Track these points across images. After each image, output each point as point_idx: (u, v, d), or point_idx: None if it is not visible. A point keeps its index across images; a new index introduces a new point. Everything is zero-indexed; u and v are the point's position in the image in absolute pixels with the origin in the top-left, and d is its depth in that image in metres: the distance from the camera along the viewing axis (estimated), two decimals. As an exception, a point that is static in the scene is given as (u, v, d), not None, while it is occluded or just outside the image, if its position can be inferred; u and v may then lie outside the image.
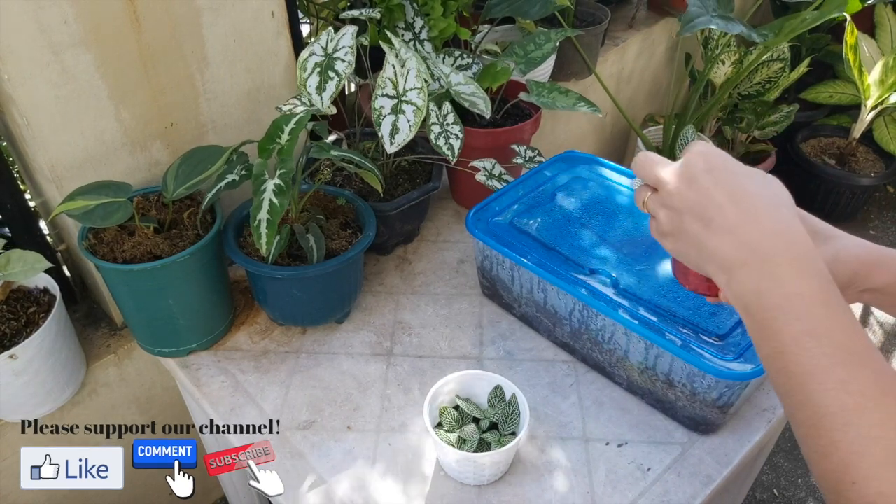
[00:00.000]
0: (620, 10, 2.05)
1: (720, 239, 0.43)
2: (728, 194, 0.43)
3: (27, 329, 0.91)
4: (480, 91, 1.06)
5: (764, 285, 0.41)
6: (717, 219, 0.43)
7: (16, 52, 0.80)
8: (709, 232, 0.43)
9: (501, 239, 0.95)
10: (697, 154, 0.45)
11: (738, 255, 0.42)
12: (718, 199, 0.43)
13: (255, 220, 0.82)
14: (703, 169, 0.44)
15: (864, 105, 2.13)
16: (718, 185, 0.43)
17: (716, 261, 0.43)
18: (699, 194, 0.43)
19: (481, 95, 1.06)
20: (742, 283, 0.42)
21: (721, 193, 0.43)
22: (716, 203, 0.43)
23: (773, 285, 0.40)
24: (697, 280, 0.52)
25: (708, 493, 0.80)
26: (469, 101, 1.05)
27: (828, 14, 1.48)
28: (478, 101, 1.06)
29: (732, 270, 0.42)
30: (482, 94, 1.06)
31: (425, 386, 0.90)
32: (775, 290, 0.40)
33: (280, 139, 0.87)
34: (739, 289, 0.42)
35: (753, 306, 0.41)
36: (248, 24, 1.00)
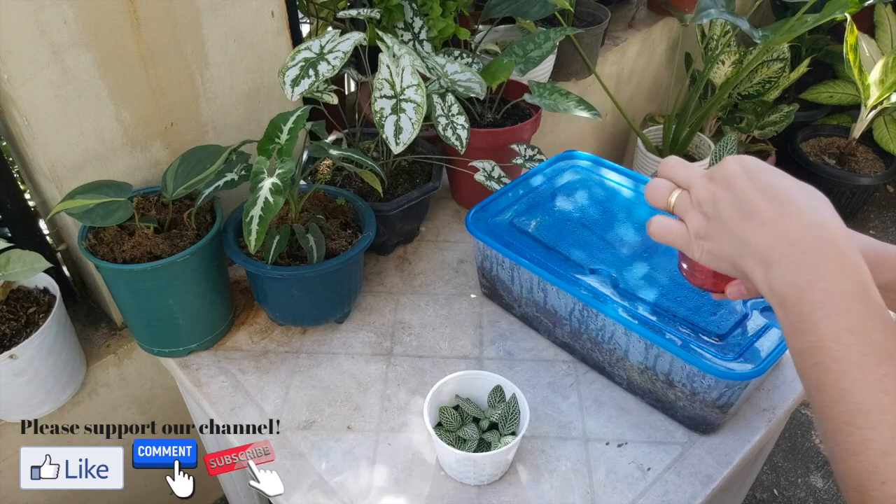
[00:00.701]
0: (620, 10, 2.05)
1: (759, 231, 0.42)
2: (765, 191, 0.43)
3: (27, 329, 0.91)
4: (476, 76, 1.06)
5: (804, 278, 0.40)
6: (756, 213, 0.42)
7: (16, 52, 0.80)
8: (747, 224, 0.43)
9: (501, 239, 0.95)
10: (732, 159, 0.45)
11: (777, 247, 0.41)
12: (756, 196, 0.43)
13: (248, 216, 0.81)
14: (739, 172, 0.44)
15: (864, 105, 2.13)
16: (755, 184, 0.43)
17: (753, 254, 0.43)
18: (736, 193, 0.43)
19: (477, 80, 1.06)
20: (781, 275, 0.41)
21: (758, 191, 0.43)
22: (754, 199, 0.43)
23: (813, 278, 0.40)
24: (703, 275, 0.52)
25: (708, 492, 0.80)
26: (464, 87, 1.05)
27: (828, 15, 1.48)
28: (473, 85, 1.05)
29: (771, 262, 0.42)
30: (478, 79, 1.06)
31: (425, 386, 0.90)
32: (816, 283, 0.40)
33: (279, 139, 0.87)
34: (777, 281, 0.41)
35: (791, 299, 0.41)
36: (248, 24, 1.00)
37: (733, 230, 0.44)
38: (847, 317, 0.39)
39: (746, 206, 0.43)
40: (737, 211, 0.43)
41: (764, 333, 0.80)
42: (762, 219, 0.42)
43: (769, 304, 0.82)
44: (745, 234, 0.43)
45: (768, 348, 0.78)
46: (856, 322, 0.39)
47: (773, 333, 0.80)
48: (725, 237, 0.45)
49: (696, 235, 0.47)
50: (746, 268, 0.44)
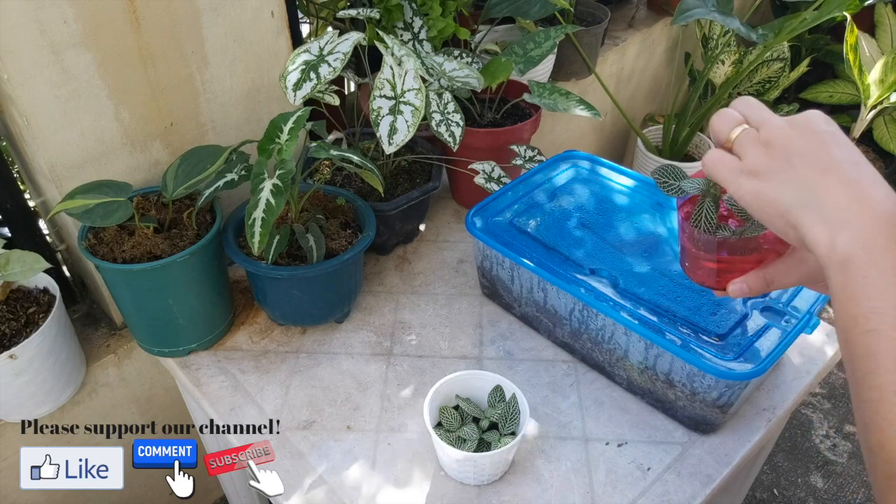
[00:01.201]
0: (620, 9, 2.05)
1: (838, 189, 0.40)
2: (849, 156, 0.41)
3: (27, 329, 0.91)
4: (474, 72, 1.06)
5: (880, 242, 0.39)
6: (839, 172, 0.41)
7: (16, 52, 0.80)
8: (825, 178, 0.41)
9: (501, 239, 0.95)
10: (818, 116, 0.43)
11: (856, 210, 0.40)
12: (839, 156, 0.41)
13: (251, 218, 0.82)
14: (826, 130, 0.42)
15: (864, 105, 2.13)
16: (839, 145, 0.42)
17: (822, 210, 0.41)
18: (816, 143, 0.42)
19: (475, 75, 1.06)
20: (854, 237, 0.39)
21: (842, 152, 0.41)
22: (837, 157, 0.41)
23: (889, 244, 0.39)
24: (705, 273, 0.52)
25: (708, 492, 0.80)
26: (462, 83, 1.05)
27: (827, 14, 1.47)
28: (471, 80, 1.05)
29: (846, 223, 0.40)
30: (475, 74, 1.06)
31: (425, 386, 0.90)
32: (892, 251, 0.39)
33: (279, 139, 0.87)
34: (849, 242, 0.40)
35: (860, 260, 0.39)
36: (247, 24, 1.00)
37: (805, 179, 0.41)
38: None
39: (828, 160, 0.41)
40: (815, 161, 0.41)
41: (764, 333, 0.80)
42: (845, 179, 0.41)
43: (769, 304, 0.83)
44: (820, 188, 0.41)
45: (768, 348, 0.78)
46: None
47: (773, 333, 0.80)
48: (790, 183, 0.42)
49: (749, 171, 0.44)
50: (804, 221, 0.42)
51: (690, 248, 0.53)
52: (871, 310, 0.39)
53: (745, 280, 0.51)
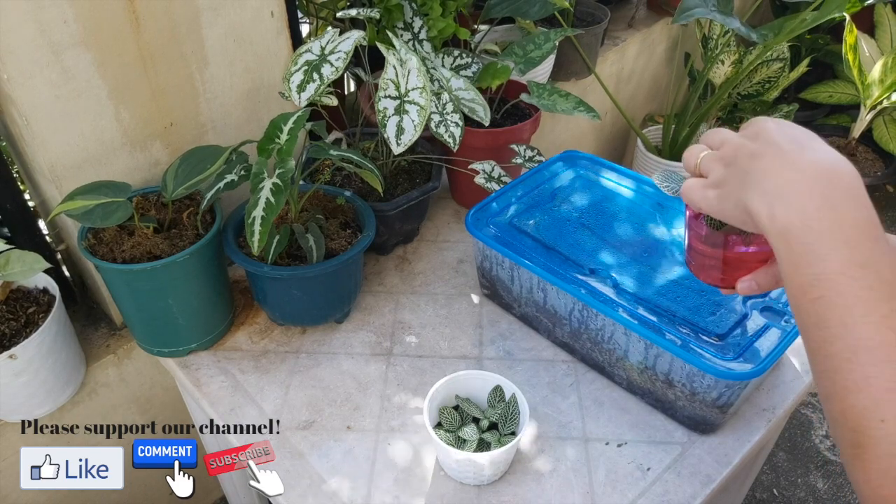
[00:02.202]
0: (620, 9, 2.05)
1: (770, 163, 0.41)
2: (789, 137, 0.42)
3: (27, 329, 0.91)
4: (479, 97, 1.07)
5: (812, 204, 0.39)
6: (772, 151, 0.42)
7: (16, 52, 0.80)
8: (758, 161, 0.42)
9: (501, 239, 0.95)
10: (769, 119, 0.44)
11: (786, 175, 0.40)
12: (778, 139, 0.42)
13: (250, 217, 0.82)
14: (772, 127, 0.43)
15: (864, 105, 2.13)
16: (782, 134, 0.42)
17: (759, 185, 0.41)
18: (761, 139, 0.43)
19: (480, 102, 1.06)
20: (788, 203, 0.40)
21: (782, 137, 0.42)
22: (774, 141, 0.42)
23: (823, 206, 0.39)
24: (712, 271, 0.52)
25: (708, 492, 0.80)
26: (469, 108, 1.05)
27: (827, 14, 1.47)
28: (477, 107, 1.06)
29: (778, 192, 0.40)
30: (481, 101, 1.07)
31: (425, 386, 0.90)
32: (825, 212, 0.38)
33: (279, 139, 0.87)
34: (783, 209, 0.40)
35: (797, 228, 0.39)
36: (247, 24, 1.00)
37: (749, 169, 0.42)
38: (856, 250, 0.37)
39: (768, 147, 0.42)
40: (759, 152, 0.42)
41: (764, 333, 0.80)
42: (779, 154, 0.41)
43: (769, 304, 0.83)
44: (757, 166, 0.42)
45: (768, 348, 0.78)
46: (865, 256, 0.37)
47: (772, 333, 0.80)
48: (736, 178, 0.43)
49: (711, 185, 0.46)
50: (751, 203, 0.42)
51: (698, 246, 0.53)
52: (814, 277, 0.38)
53: (754, 277, 0.50)
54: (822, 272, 0.38)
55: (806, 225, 0.39)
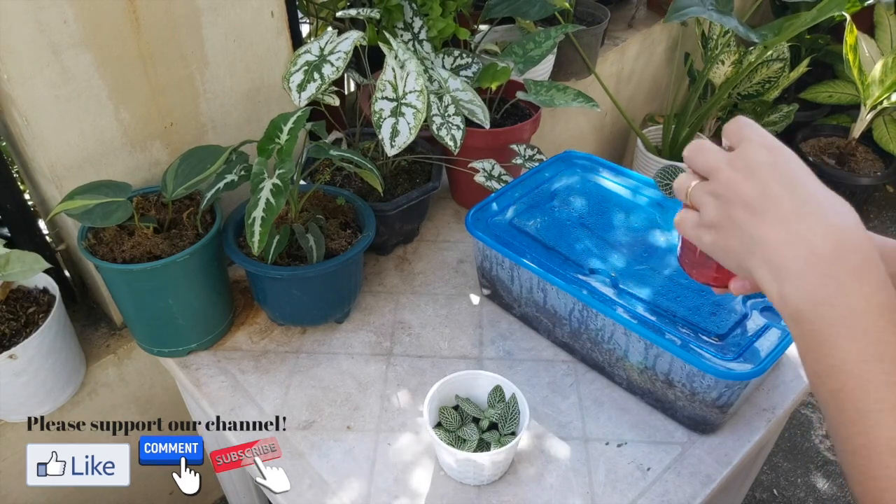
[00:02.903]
0: (620, 9, 2.05)
1: (776, 229, 0.38)
2: (788, 186, 0.38)
3: (27, 329, 0.91)
4: (478, 99, 1.07)
5: (824, 291, 0.36)
6: (775, 208, 0.38)
7: (16, 52, 0.80)
8: (759, 221, 0.39)
9: (501, 239, 0.95)
10: (759, 146, 0.41)
11: (794, 251, 0.37)
12: (777, 191, 0.39)
13: (250, 217, 0.82)
14: (765, 162, 0.40)
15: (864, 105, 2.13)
16: (779, 177, 0.39)
17: (765, 255, 0.39)
18: (756, 186, 0.39)
19: (479, 104, 1.06)
20: (797, 286, 0.37)
21: (780, 185, 0.39)
22: (773, 194, 0.39)
23: (835, 293, 0.36)
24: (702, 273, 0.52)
25: (707, 492, 0.80)
26: (468, 110, 1.05)
27: (827, 13, 1.47)
28: (476, 109, 1.06)
29: (786, 270, 0.37)
30: (480, 103, 1.07)
31: (425, 386, 0.90)
32: (838, 298, 0.36)
33: (279, 139, 0.87)
34: (793, 293, 0.37)
35: (809, 315, 0.36)
36: (247, 24, 1.00)
37: (745, 224, 0.40)
38: (872, 339, 0.35)
39: (765, 199, 0.39)
40: (751, 207, 0.39)
41: (764, 333, 0.80)
42: (782, 215, 0.38)
43: (769, 304, 0.83)
44: (759, 232, 0.39)
45: (768, 348, 0.78)
46: (883, 346, 0.35)
47: (772, 333, 0.80)
48: (734, 231, 0.41)
49: (705, 225, 0.43)
50: (756, 271, 0.40)
51: (691, 244, 0.53)
52: (830, 367, 0.36)
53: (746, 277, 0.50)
54: (838, 363, 0.36)
55: (818, 312, 0.36)
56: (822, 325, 0.36)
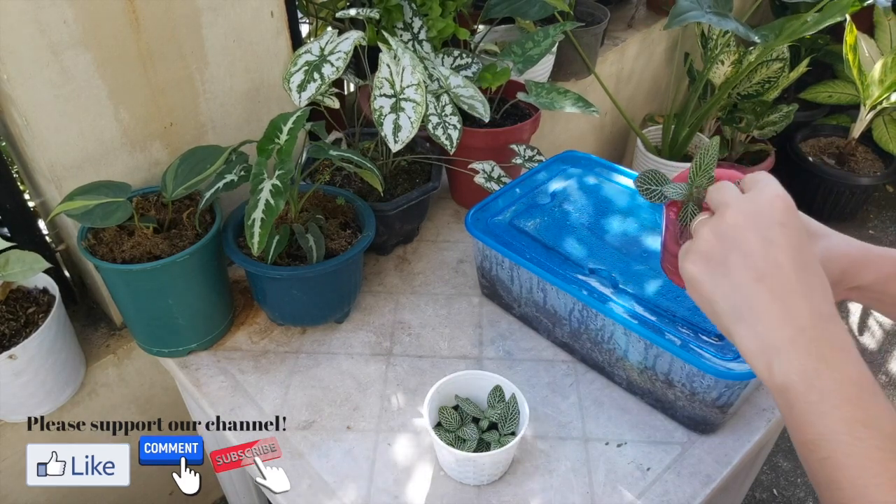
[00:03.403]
0: (620, 9, 2.05)
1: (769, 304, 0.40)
2: (792, 258, 0.40)
3: (26, 329, 0.91)
4: (479, 94, 1.06)
5: (811, 365, 0.38)
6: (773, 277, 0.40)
7: (16, 52, 0.80)
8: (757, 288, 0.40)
9: (501, 239, 0.95)
10: (778, 197, 0.42)
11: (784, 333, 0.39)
12: (781, 259, 0.40)
13: (250, 218, 0.82)
14: (778, 220, 0.41)
15: (864, 105, 2.13)
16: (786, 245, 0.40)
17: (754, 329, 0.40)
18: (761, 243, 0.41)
19: (480, 99, 1.06)
20: (788, 361, 0.39)
21: (786, 254, 0.40)
22: (777, 261, 0.40)
23: (821, 367, 0.38)
24: None
25: (707, 492, 0.80)
26: (468, 105, 1.05)
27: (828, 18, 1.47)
28: (476, 104, 1.06)
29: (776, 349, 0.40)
30: (481, 98, 1.07)
31: (425, 386, 0.90)
32: (826, 372, 0.38)
33: (279, 139, 0.87)
34: (783, 367, 0.39)
35: (798, 386, 0.38)
36: (247, 24, 1.00)
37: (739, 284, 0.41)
38: (858, 407, 0.37)
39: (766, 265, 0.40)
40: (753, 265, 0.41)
41: (763, 333, 0.80)
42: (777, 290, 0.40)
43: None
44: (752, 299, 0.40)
45: (768, 348, 0.78)
46: (867, 413, 0.37)
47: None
48: (723, 283, 0.42)
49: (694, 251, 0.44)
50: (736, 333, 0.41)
51: (674, 248, 0.53)
52: (819, 436, 0.38)
53: None
54: (827, 432, 0.37)
55: (807, 383, 0.38)
56: (810, 396, 0.38)
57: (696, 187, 0.49)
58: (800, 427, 0.39)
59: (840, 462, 0.37)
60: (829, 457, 0.37)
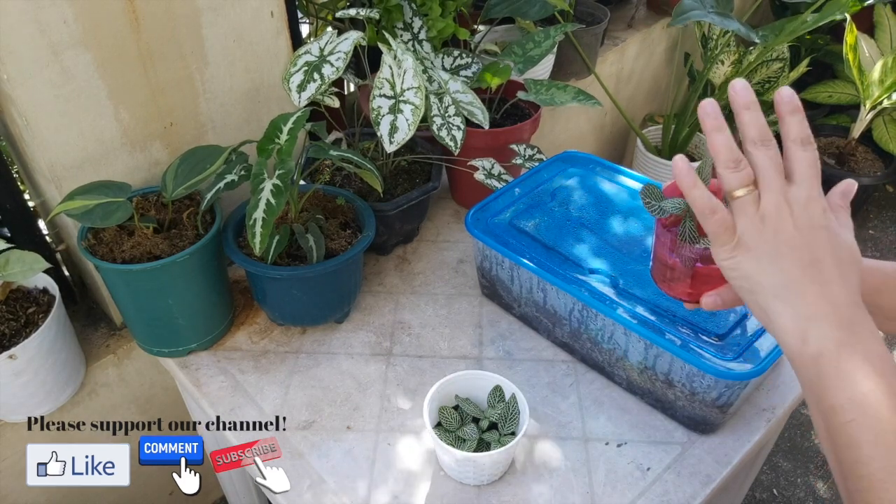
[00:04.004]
0: (620, 9, 2.05)
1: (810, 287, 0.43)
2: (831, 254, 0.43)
3: (26, 329, 0.91)
4: (478, 101, 1.07)
5: (846, 339, 0.42)
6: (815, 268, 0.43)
7: (16, 52, 0.80)
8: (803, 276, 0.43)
9: (501, 239, 0.95)
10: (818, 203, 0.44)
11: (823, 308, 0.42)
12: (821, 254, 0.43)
13: (251, 218, 0.82)
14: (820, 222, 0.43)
15: (864, 105, 2.13)
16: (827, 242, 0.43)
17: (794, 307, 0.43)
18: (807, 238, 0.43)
19: (479, 105, 1.06)
20: (823, 330, 0.42)
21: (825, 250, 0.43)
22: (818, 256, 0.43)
23: (853, 340, 0.42)
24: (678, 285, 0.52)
25: (707, 492, 0.80)
26: (467, 111, 1.05)
27: (828, 16, 1.47)
28: (475, 111, 1.06)
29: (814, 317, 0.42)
30: (479, 105, 1.07)
31: (425, 386, 0.90)
32: (857, 344, 0.41)
33: (279, 139, 0.87)
34: (818, 334, 0.42)
35: (831, 354, 0.41)
36: (247, 24, 1.00)
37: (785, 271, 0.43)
38: (885, 378, 0.40)
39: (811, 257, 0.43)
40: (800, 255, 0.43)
41: (763, 333, 0.80)
42: (820, 279, 0.43)
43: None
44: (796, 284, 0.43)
45: (768, 348, 0.78)
46: (893, 385, 0.40)
47: (772, 333, 0.80)
48: (770, 268, 0.43)
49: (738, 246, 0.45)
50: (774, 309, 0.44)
51: (667, 259, 0.54)
52: (848, 400, 0.40)
53: (719, 293, 0.52)
54: (857, 396, 0.40)
55: (842, 354, 0.41)
56: (842, 363, 0.41)
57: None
58: (829, 391, 0.41)
59: (864, 423, 0.39)
60: (855, 419, 0.40)
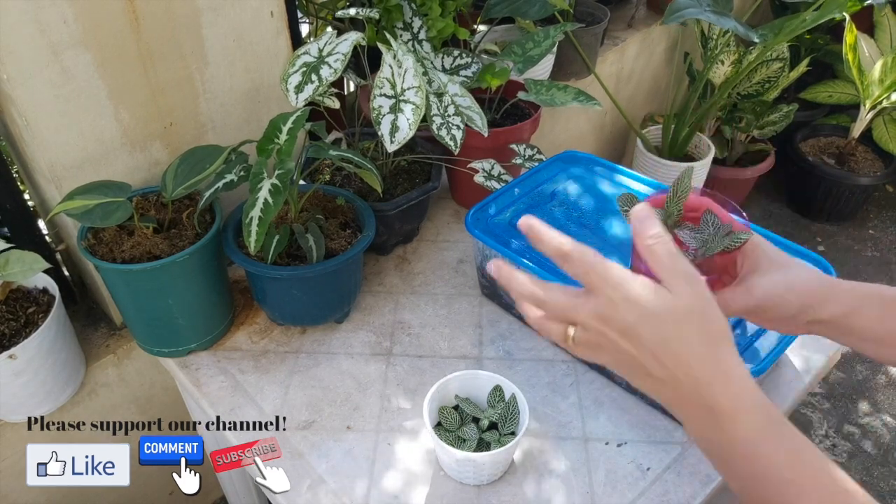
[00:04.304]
0: (620, 9, 2.05)
1: (668, 396, 0.46)
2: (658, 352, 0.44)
3: (26, 329, 0.91)
4: (476, 105, 1.07)
5: (710, 435, 0.45)
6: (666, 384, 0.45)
7: (15, 52, 0.80)
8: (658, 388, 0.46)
9: (501, 238, 0.95)
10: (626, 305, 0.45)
11: (687, 412, 0.46)
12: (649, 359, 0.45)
13: (248, 217, 0.82)
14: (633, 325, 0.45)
15: (864, 104, 2.13)
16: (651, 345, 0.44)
17: (666, 402, 0.47)
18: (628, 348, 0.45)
19: (477, 110, 1.07)
20: (692, 430, 0.46)
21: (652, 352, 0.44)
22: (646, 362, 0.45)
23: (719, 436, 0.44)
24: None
25: (707, 492, 0.80)
26: (466, 116, 1.05)
27: (827, 14, 1.47)
28: (474, 115, 1.06)
29: (683, 417, 0.46)
30: (478, 109, 1.07)
31: (425, 386, 0.90)
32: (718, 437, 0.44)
33: (278, 139, 0.87)
34: (691, 431, 0.46)
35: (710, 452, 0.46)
36: (247, 24, 1.00)
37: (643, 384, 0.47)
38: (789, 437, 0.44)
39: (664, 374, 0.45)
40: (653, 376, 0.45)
41: (763, 333, 0.80)
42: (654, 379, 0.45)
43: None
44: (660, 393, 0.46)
45: (768, 348, 0.78)
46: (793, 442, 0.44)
47: (772, 333, 0.80)
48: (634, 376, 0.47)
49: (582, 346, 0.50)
50: (666, 406, 0.48)
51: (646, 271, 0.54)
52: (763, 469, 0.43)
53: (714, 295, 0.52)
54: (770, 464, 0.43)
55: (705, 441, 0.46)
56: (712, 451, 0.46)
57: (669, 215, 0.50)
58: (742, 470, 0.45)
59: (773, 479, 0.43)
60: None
